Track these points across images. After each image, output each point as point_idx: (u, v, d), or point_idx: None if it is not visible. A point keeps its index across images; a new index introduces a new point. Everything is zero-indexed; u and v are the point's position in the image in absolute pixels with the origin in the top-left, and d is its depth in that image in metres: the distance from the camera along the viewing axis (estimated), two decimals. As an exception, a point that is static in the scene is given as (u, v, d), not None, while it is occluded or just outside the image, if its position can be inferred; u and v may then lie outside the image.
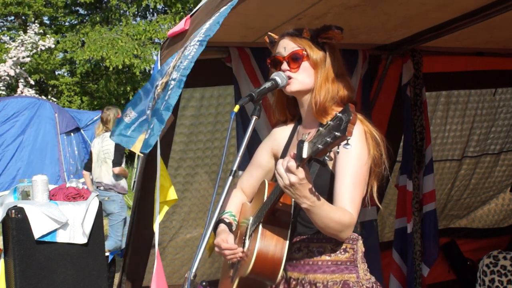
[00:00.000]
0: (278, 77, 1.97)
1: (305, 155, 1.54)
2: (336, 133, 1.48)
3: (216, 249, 2.02)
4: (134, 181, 11.91)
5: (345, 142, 1.49)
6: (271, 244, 1.81)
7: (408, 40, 3.31)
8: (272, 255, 1.80)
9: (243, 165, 3.07)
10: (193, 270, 1.76)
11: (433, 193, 3.68)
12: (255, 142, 3.11)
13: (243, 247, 1.97)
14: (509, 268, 4.07)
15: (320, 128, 1.56)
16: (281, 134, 2.15)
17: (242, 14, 2.52)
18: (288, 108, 2.13)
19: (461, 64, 3.83)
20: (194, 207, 3.69)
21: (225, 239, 1.99)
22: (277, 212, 1.86)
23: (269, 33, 2.09)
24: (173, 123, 3.33)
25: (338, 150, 1.52)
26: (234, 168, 1.83)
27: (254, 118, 1.88)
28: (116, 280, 4.16)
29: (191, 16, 2.72)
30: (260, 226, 1.84)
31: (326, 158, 1.54)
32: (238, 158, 1.86)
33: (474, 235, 4.74)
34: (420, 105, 3.59)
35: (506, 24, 2.95)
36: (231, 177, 1.82)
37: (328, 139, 1.50)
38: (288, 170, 1.63)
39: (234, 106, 1.88)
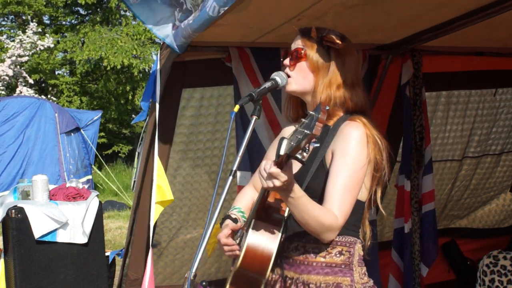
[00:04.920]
0: (278, 77, 1.97)
1: (282, 152, 1.57)
2: (306, 131, 1.52)
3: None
4: (134, 181, 11.91)
5: (314, 140, 1.53)
6: (261, 240, 1.83)
7: (408, 40, 3.31)
8: (262, 250, 1.82)
9: (243, 165, 3.09)
10: (193, 270, 1.76)
11: (432, 193, 3.67)
12: (255, 142, 3.13)
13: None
14: (509, 268, 4.06)
15: (296, 126, 1.60)
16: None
17: (242, 13, 2.52)
18: (302, 106, 2.12)
19: (461, 64, 3.82)
20: (194, 207, 3.68)
21: (226, 234, 2.00)
22: (270, 209, 1.88)
23: (294, 26, 2.08)
24: (173, 124, 3.34)
25: (307, 148, 1.54)
26: (234, 168, 1.82)
27: (254, 118, 1.88)
28: (116, 280, 4.16)
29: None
30: (253, 222, 1.86)
31: (298, 156, 1.55)
32: (238, 158, 1.86)
33: (474, 235, 4.74)
34: (419, 105, 3.58)
35: (506, 22, 2.94)
36: (231, 177, 1.82)
37: (299, 137, 1.53)
38: (270, 176, 1.66)
39: (234, 106, 1.88)
